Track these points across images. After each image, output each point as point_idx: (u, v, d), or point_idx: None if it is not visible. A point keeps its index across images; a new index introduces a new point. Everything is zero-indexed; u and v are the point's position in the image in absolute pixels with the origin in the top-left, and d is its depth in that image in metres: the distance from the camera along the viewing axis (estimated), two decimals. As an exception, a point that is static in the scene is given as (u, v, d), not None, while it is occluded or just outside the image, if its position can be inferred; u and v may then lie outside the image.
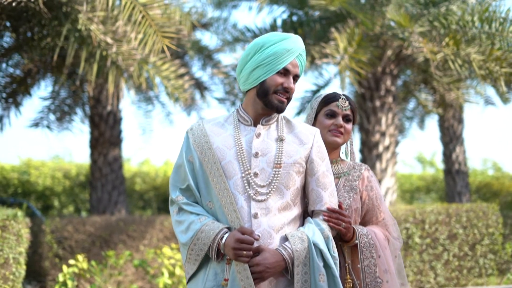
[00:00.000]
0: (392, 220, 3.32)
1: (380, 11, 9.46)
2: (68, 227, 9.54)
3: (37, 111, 12.17)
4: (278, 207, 2.91)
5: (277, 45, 2.96)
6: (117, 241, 9.45)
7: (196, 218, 2.93)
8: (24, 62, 10.71)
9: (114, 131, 11.71)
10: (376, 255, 3.14)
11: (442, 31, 9.07)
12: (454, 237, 8.33)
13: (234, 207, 2.87)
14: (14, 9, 7.74)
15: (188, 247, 2.92)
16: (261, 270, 2.79)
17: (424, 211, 8.33)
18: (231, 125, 3.06)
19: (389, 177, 10.18)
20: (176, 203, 3.01)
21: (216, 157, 2.95)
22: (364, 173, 3.31)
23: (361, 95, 10.51)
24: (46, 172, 16.86)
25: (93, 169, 11.71)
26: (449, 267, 8.31)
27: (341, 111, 3.28)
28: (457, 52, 8.81)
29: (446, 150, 14.57)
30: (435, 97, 12.19)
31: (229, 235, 2.82)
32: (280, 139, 3.01)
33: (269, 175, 2.93)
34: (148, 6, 6.86)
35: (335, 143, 3.26)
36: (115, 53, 8.00)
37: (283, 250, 2.84)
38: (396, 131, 10.41)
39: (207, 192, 2.97)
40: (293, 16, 10.55)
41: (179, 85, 8.87)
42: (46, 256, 9.40)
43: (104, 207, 11.44)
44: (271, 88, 2.95)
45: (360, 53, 8.61)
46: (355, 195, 3.24)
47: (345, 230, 3.02)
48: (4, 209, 7.06)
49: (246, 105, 3.07)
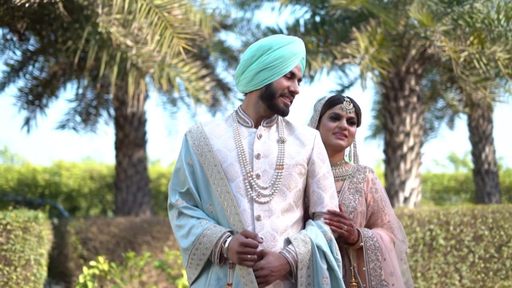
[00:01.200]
0: (397, 223, 3.28)
1: (403, 10, 9.35)
2: (93, 228, 9.61)
3: (64, 113, 12.31)
4: (281, 209, 2.89)
5: (285, 48, 2.94)
6: (141, 242, 9.48)
7: (197, 222, 2.89)
8: (49, 65, 10.83)
9: (138, 132, 11.76)
10: (382, 258, 3.11)
11: (467, 30, 8.94)
12: (480, 239, 8.19)
13: (236, 210, 2.84)
14: (36, 12, 7.82)
15: (190, 252, 2.88)
16: (265, 274, 2.76)
17: (449, 212, 8.21)
18: (230, 127, 3.03)
19: (414, 178, 10.05)
20: (176, 207, 2.97)
21: (217, 160, 2.92)
22: (368, 175, 3.28)
23: (385, 95, 10.40)
24: (77, 173, 17.02)
25: (118, 170, 11.78)
26: (474, 269, 8.18)
27: (345, 114, 3.24)
28: (482, 51, 8.67)
29: (475, 150, 14.35)
30: (462, 96, 12.02)
31: (232, 238, 2.79)
32: (282, 140, 2.98)
33: (271, 177, 2.90)
34: (163, 7, 6.87)
35: (339, 146, 3.23)
36: (135, 55, 8.03)
37: (287, 253, 2.81)
38: (420, 131, 10.27)
39: (208, 195, 2.93)
40: (315, 16, 10.49)
41: (200, 86, 8.87)
42: (71, 257, 9.49)
43: (129, 208, 11.50)
44: (278, 91, 2.93)
45: (382, 53, 8.51)
46: (360, 198, 3.21)
47: (347, 233, 2.99)
48: (25, 210, 7.15)
49: (246, 106, 3.04)
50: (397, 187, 9.98)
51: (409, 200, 9.94)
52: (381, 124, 11.80)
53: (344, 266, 3.09)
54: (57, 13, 7.56)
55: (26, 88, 11.17)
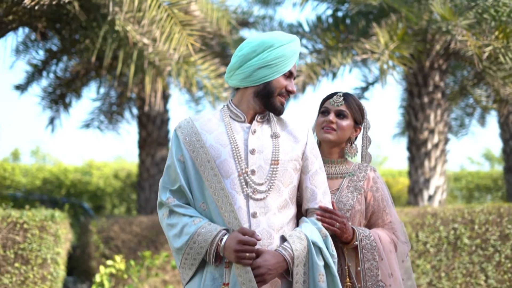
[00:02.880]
0: (399, 224, 3.20)
1: (426, 4, 9.18)
2: (115, 227, 9.62)
3: (88, 112, 12.38)
4: (277, 205, 2.82)
5: (287, 47, 2.89)
6: (163, 241, 9.46)
7: (189, 220, 2.81)
8: (72, 64, 10.89)
9: (161, 131, 11.74)
10: (379, 258, 3.02)
11: (492, 24, 8.73)
12: (506, 238, 8.00)
13: (232, 207, 2.76)
14: (54, 12, 7.85)
15: (184, 251, 2.80)
16: (263, 272, 2.69)
17: (473, 211, 8.04)
18: (222, 121, 2.94)
19: (438, 175, 9.88)
20: (166, 205, 2.89)
21: (210, 156, 2.84)
22: (369, 173, 3.19)
23: (408, 91, 10.25)
24: (107, 172, 17.11)
25: (141, 169, 11.77)
26: (501, 269, 7.99)
27: (333, 107, 3.16)
28: (508, 45, 8.47)
29: (506, 147, 14.05)
30: (490, 92, 11.78)
31: (229, 236, 2.71)
32: (276, 135, 2.92)
33: (267, 172, 2.83)
34: (173, 4, 6.85)
35: (326, 139, 3.14)
36: (152, 53, 8.02)
37: (283, 250, 2.74)
38: (445, 128, 10.09)
39: (200, 193, 2.85)
40: (337, 11, 10.36)
41: (219, 84, 8.83)
42: (94, 256, 9.51)
43: (152, 207, 11.49)
44: (276, 90, 2.89)
45: (402, 48, 8.38)
46: (359, 196, 3.12)
47: (339, 230, 2.90)
48: (42, 209, 7.20)
49: (238, 101, 2.97)
50: (422, 185, 9.83)
51: (433, 199, 9.78)
52: (405, 121, 11.63)
53: (340, 265, 3.00)
54: (73, 12, 7.57)
55: (50, 87, 11.25)
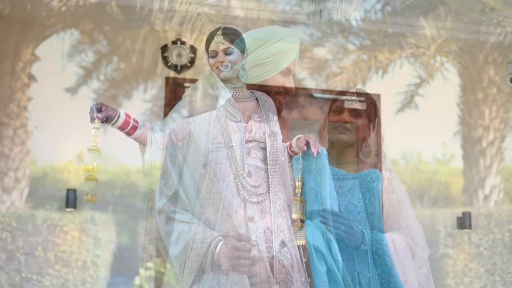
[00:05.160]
0: (417, 227, 2.98)
1: (479, -5, 8.89)
2: (162, 228, 9.64)
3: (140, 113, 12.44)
4: (276, 208, 2.67)
5: (282, 43, 2.76)
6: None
7: (186, 227, 2.68)
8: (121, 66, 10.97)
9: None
10: (391, 264, 2.81)
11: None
12: None
13: (228, 212, 2.63)
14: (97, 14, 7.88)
15: (181, 259, 2.69)
16: (260, 280, 2.56)
17: (531, 212, 7.78)
18: (218, 122, 2.78)
19: (494, 174, 9.54)
20: (163, 212, 2.76)
21: (205, 159, 2.70)
22: (384, 174, 3.01)
23: (461, 87, 9.95)
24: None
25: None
26: (560, 273, 7.71)
27: (347, 106, 3.02)
28: None
29: None
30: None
31: (224, 243, 2.56)
32: (274, 134, 2.77)
33: (264, 174, 2.69)
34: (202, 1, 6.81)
35: (339, 140, 2.99)
36: (191, 52, 8.01)
37: (282, 256, 2.61)
38: (502, 125, 9.75)
39: (197, 197, 2.71)
40: (386, 6, 10.13)
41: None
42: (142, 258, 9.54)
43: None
44: (273, 89, 2.79)
45: (451, 42, 8.15)
46: (371, 197, 2.94)
47: (345, 234, 2.74)
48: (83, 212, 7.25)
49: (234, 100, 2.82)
50: (476, 185, 9.53)
51: (489, 199, 9.46)
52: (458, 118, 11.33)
53: (351, 271, 2.82)
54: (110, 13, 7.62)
55: (101, 90, 11.37)
